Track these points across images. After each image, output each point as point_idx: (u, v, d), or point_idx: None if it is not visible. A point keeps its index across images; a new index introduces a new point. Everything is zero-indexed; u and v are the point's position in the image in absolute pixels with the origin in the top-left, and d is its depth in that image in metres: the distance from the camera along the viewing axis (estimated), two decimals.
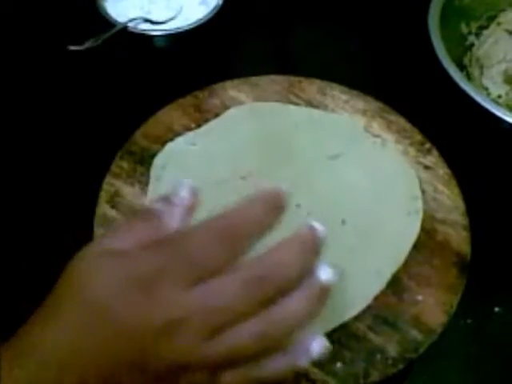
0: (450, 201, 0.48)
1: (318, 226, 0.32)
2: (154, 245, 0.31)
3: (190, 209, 0.33)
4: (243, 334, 0.30)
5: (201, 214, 0.46)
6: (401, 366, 0.40)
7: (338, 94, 0.55)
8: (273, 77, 0.56)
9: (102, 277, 0.30)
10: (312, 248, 0.32)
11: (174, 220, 0.33)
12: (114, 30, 0.58)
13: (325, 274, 0.32)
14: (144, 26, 0.60)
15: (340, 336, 0.41)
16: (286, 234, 0.45)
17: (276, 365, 0.31)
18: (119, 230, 0.33)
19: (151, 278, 0.30)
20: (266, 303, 0.30)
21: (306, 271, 0.31)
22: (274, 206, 0.32)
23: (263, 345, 0.30)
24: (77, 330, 0.29)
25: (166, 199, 0.33)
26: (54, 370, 0.29)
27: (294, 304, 0.31)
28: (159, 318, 0.29)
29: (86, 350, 0.29)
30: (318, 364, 0.40)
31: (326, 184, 0.49)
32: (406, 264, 0.44)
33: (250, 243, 0.31)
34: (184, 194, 0.33)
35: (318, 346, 0.32)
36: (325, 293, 0.32)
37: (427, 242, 0.46)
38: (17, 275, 0.47)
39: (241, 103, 0.54)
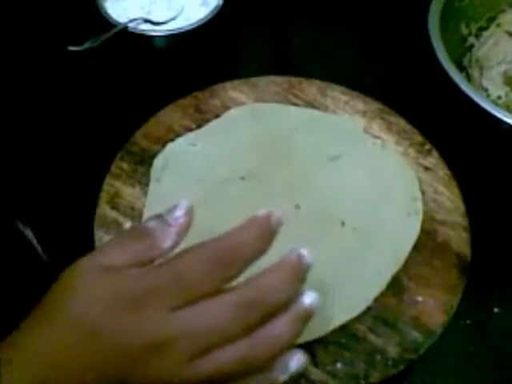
0: (450, 202, 0.48)
1: (305, 253, 0.34)
2: (147, 265, 0.32)
3: (184, 229, 0.34)
4: (228, 357, 0.31)
5: (201, 214, 0.46)
6: (401, 367, 0.40)
7: (338, 94, 0.55)
8: (273, 77, 0.56)
9: (93, 292, 0.31)
10: (299, 274, 0.33)
11: (167, 239, 0.33)
12: (114, 31, 0.58)
13: (309, 298, 0.33)
14: (144, 27, 0.60)
15: (340, 337, 0.41)
16: (286, 235, 0.45)
17: (256, 383, 0.32)
18: (113, 246, 0.33)
19: (141, 298, 0.30)
20: (253, 326, 0.31)
21: (293, 296, 0.32)
22: (267, 231, 0.33)
23: (246, 366, 0.31)
24: (64, 344, 0.30)
25: (161, 218, 0.34)
26: (37, 380, 0.29)
27: (279, 327, 0.32)
28: (146, 337, 0.30)
29: (72, 363, 0.30)
30: (319, 365, 0.40)
31: (326, 185, 0.49)
32: (406, 265, 0.44)
33: (242, 268, 0.32)
34: (179, 213, 0.34)
35: (297, 361, 0.33)
36: (308, 316, 0.33)
37: (427, 243, 0.46)
38: (18, 275, 0.47)
39: (241, 104, 0.54)
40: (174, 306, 0.30)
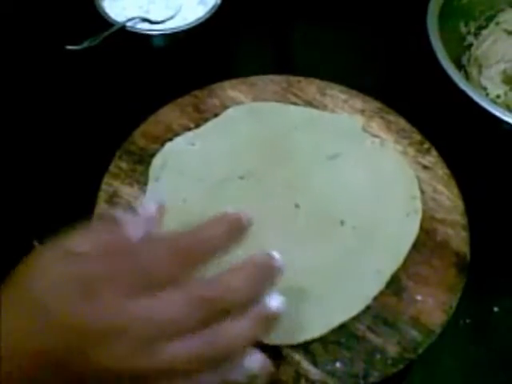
0: (450, 201, 0.48)
1: (275, 255, 0.33)
2: (109, 251, 0.31)
3: (154, 222, 0.34)
4: (182, 350, 0.30)
5: (199, 214, 0.46)
6: (400, 366, 0.40)
7: (336, 93, 0.55)
8: (272, 77, 0.56)
9: (50, 275, 0.30)
10: (265, 276, 0.32)
11: (135, 230, 0.33)
12: (112, 30, 0.58)
13: (275, 302, 0.32)
14: (142, 26, 0.60)
15: (339, 336, 0.41)
16: (286, 234, 0.45)
17: (211, 380, 0.32)
18: (79, 233, 0.33)
19: (97, 282, 0.30)
20: (210, 323, 0.31)
21: (256, 297, 0.32)
22: (236, 229, 0.33)
23: (201, 362, 0.31)
24: (18, 322, 0.30)
25: (132, 209, 0.34)
26: None
27: (239, 327, 0.31)
28: (99, 322, 0.29)
29: (23, 342, 0.29)
30: (318, 364, 0.40)
31: (325, 184, 0.49)
32: (406, 264, 0.44)
33: (204, 261, 0.32)
34: (150, 206, 0.34)
35: (258, 364, 0.32)
36: (272, 320, 0.32)
37: (426, 242, 0.46)
38: None
39: (240, 103, 0.54)
40: (132, 293, 0.30)
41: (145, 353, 0.30)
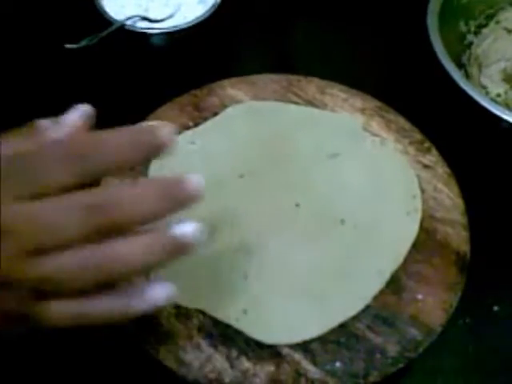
0: (450, 200, 0.48)
1: (194, 179, 0.31)
2: (13, 153, 0.30)
3: (76, 128, 0.33)
4: (70, 260, 0.29)
5: (199, 213, 0.46)
6: (400, 366, 0.40)
7: (336, 92, 0.54)
8: (271, 75, 0.56)
9: None
10: (174, 196, 0.30)
11: (54, 135, 0.32)
12: (111, 29, 0.58)
13: (181, 228, 0.30)
14: (142, 24, 0.60)
15: (339, 336, 0.41)
16: (286, 234, 0.45)
17: (107, 305, 0.30)
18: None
19: None
20: (103, 235, 0.29)
21: (159, 218, 0.30)
22: (141, 141, 0.31)
23: (91, 277, 0.29)
24: None
25: (56, 119, 0.33)
26: None
27: (133, 246, 0.30)
28: None
29: None
30: (318, 364, 0.40)
31: (325, 183, 0.48)
32: (406, 263, 0.44)
33: (97, 171, 0.30)
34: (73, 115, 0.33)
35: (163, 292, 0.31)
36: (177, 247, 0.30)
37: (426, 241, 0.45)
38: None
39: (239, 102, 0.53)
40: (20, 196, 0.29)
41: (33, 260, 0.28)
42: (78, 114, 0.33)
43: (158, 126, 0.31)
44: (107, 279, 0.30)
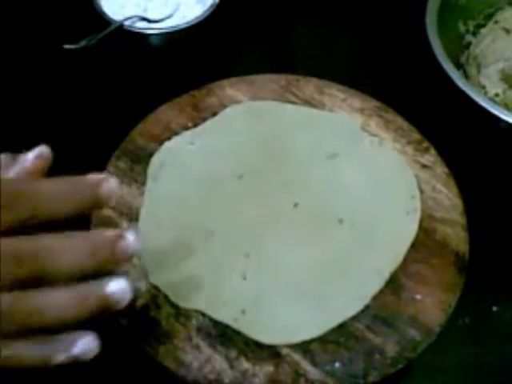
0: (449, 200, 0.48)
1: (131, 237, 0.31)
2: None
3: (32, 171, 0.33)
4: None
5: (198, 213, 0.46)
6: (400, 366, 0.40)
7: (335, 92, 0.54)
8: (270, 75, 0.56)
9: None
10: (108, 255, 0.31)
11: (7, 174, 0.33)
12: (110, 29, 0.58)
13: (112, 286, 0.31)
14: (140, 25, 0.60)
15: (338, 336, 0.41)
16: (285, 234, 0.45)
17: (32, 351, 0.31)
18: None
19: None
20: (30, 283, 0.29)
21: (89, 272, 0.31)
22: (83, 192, 0.31)
23: (14, 323, 0.30)
24: None
25: (12, 156, 0.33)
26: None
27: (58, 298, 0.30)
28: None
29: None
30: (317, 364, 0.40)
31: (324, 183, 0.48)
32: (404, 263, 0.44)
33: (26, 218, 0.30)
34: (30, 155, 0.34)
35: (83, 345, 0.31)
36: (101, 303, 0.31)
37: (425, 241, 0.46)
38: None
39: (238, 102, 0.53)
40: None
41: None
42: (35, 154, 0.34)
43: (101, 180, 0.31)
44: (30, 327, 0.30)
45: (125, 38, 0.59)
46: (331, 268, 0.44)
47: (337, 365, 0.40)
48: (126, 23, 0.59)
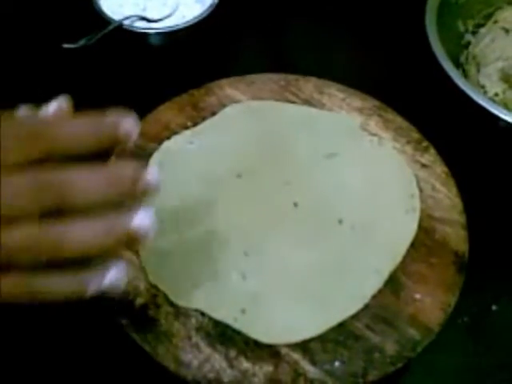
0: (448, 199, 0.48)
1: (152, 172, 0.31)
2: None
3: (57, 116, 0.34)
4: (20, 235, 0.29)
5: (198, 212, 0.46)
6: (399, 365, 0.40)
7: (334, 92, 0.54)
8: (269, 75, 0.56)
9: None
10: (128, 184, 0.31)
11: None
12: (109, 28, 0.58)
13: (139, 219, 0.31)
14: (139, 24, 0.60)
15: (338, 335, 0.41)
16: (284, 233, 0.45)
17: (62, 282, 0.31)
18: None
19: None
20: (56, 214, 0.30)
21: (110, 201, 0.31)
22: (104, 132, 0.32)
23: (41, 253, 0.30)
24: None
25: (32, 108, 0.34)
26: None
27: (85, 229, 0.30)
28: None
29: None
30: (316, 363, 0.40)
31: (323, 183, 0.48)
32: (404, 262, 0.44)
33: (52, 149, 0.31)
34: (50, 109, 0.34)
35: (115, 273, 0.32)
36: (127, 235, 0.31)
37: (425, 240, 0.46)
38: None
39: (237, 101, 0.53)
40: None
41: None
42: (54, 108, 0.34)
43: (120, 120, 0.32)
44: (57, 256, 0.30)
45: (124, 38, 0.59)
46: (330, 267, 0.44)
47: (336, 364, 0.40)
48: (125, 23, 0.59)
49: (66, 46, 0.57)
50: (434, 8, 0.55)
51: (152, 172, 0.32)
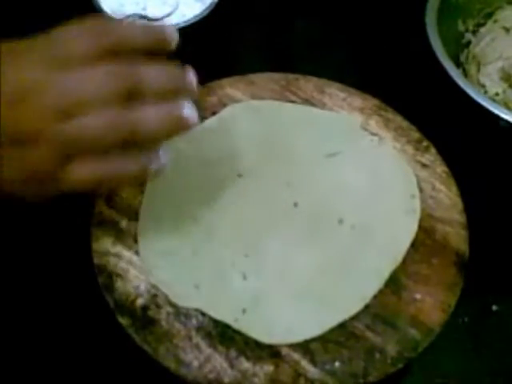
0: (448, 199, 0.48)
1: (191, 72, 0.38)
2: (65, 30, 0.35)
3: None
4: (95, 120, 0.32)
5: (198, 212, 0.46)
6: (400, 366, 0.40)
7: (335, 91, 0.54)
8: (270, 74, 0.55)
9: None
10: (185, 87, 0.37)
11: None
12: None
13: (188, 109, 0.36)
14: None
15: (338, 335, 0.41)
16: (285, 233, 0.45)
17: (127, 164, 0.34)
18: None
19: (20, 51, 0.34)
20: (126, 99, 0.33)
21: (172, 91, 0.36)
22: (156, 36, 0.37)
23: (113, 136, 0.33)
24: None
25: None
26: None
27: (152, 113, 0.34)
28: (14, 82, 0.32)
29: None
30: (317, 364, 0.40)
31: (324, 182, 0.48)
32: (404, 263, 0.44)
33: (119, 43, 0.34)
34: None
35: (164, 156, 0.37)
36: (181, 122, 0.36)
37: (425, 240, 0.46)
38: (15, 275, 0.46)
39: (238, 101, 0.53)
40: (50, 65, 0.32)
41: (61, 120, 0.31)
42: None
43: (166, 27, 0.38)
44: (133, 138, 0.34)
45: None
46: (331, 267, 0.44)
47: (337, 364, 0.40)
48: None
49: None
50: (434, 7, 0.55)
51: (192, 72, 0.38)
